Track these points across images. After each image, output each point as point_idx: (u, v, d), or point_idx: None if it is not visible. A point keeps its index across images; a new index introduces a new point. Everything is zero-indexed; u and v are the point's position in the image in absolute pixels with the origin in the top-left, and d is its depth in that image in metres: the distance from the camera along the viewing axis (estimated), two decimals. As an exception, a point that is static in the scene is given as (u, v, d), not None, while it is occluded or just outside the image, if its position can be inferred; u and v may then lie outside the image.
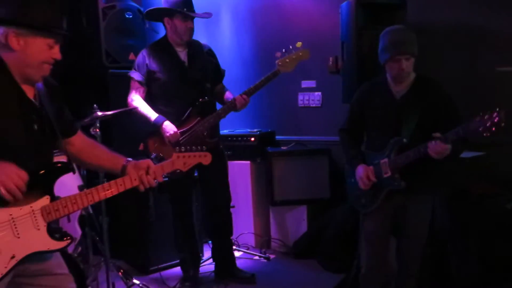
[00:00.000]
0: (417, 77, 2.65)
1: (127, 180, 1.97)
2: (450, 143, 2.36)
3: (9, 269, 1.73)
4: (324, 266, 3.89)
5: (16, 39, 1.73)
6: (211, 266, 3.82)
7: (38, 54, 1.78)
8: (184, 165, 2.08)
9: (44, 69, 1.82)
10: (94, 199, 1.90)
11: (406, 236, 2.71)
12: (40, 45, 1.77)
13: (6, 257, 1.73)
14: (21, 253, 1.76)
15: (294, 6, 4.49)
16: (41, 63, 1.80)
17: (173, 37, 3.40)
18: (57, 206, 1.83)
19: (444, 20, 3.67)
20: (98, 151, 2.12)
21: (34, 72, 1.80)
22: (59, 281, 1.95)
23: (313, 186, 4.16)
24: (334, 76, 4.23)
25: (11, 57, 1.76)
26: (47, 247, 1.82)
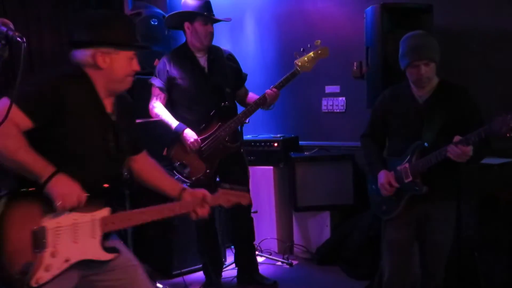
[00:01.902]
0: (440, 82, 2.62)
1: (182, 207, 2.11)
2: (472, 145, 2.31)
3: (60, 272, 1.81)
4: (348, 273, 3.85)
5: (103, 58, 1.90)
6: (233, 271, 3.82)
7: (122, 69, 1.95)
8: (228, 202, 2.25)
9: (127, 82, 2.00)
10: (147, 219, 2.00)
11: (429, 243, 2.67)
12: (123, 60, 1.94)
13: (61, 260, 1.82)
14: (74, 258, 1.85)
15: (318, 11, 4.48)
16: (125, 76, 1.97)
17: (193, 42, 3.43)
18: (114, 219, 1.93)
19: (471, 23, 3.61)
20: (158, 173, 2.23)
21: (119, 86, 1.98)
22: (130, 273, 2.06)
23: (336, 192, 4.13)
24: (358, 81, 4.21)
25: (98, 75, 1.92)
26: (97, 256, 1.91)
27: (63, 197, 1.77)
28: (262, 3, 4.85)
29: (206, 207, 2.14)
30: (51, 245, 1.79)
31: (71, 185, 1.81)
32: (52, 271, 1.79)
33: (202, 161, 3.32)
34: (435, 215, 2.62)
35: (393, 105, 2.70)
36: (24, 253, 1.75)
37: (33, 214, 1.78)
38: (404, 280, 2.73)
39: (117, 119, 2.01)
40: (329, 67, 4.29)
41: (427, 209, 2.61)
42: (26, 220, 1.76)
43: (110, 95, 1.99)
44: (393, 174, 2.62)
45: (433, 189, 2.53)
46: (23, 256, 1.74)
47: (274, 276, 3.80)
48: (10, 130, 1.74)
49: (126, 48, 1.95)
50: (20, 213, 1.76)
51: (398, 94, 2.71)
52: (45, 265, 1.78)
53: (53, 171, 1.78)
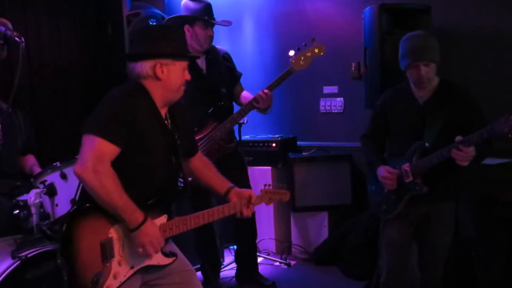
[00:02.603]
0: (441, 82, 2.62)
1: (230, 208, 2.22)
2: (473, 145, 2.32)
3: (126, 279, 1.94)
4: (346, 273, 3.85)
5: (161, 69, 2.00)
6: (232, 271, 3.82)
7: (178, 78, 2.05)
8: (270, 200, 2.34)
9: (181, 91, 2.10)
10: (199, 222, 2.13)
11: (428, 244, 2.68)
12: (178, 70, 2.05)
13: (127, 267, 1.95)
14: (138, 265, 1.98)
15: (317, 12, 4.49)
16: (180, 86, 2.07)
17: (192, 44, 3.42)
18: (172, 225, 2.05)
19: (470, 24, 3.63)
20: (210, 172, 2.35)
21: (175, 95, 2.08)
22: (186, 277, 2.17)
23: (334, 192, 4.14)
24: (357, 82, 4.21)
25: (156, 86, 2.01)
26: (158, 261, 2.03)
27: (146, 247, 1.91)
28: (260, 4, 4.85)
29: (251, 207, 2.24)
30: (117, 254, 1.92)
31: (155, 235, 1.93)
32: (119, 278, 1.92)
33: None
34: (434, 216, 2.63)
35: (394, 106, 2.71)
36: (95, 264, 1.86)
37: (100, 226, 1.90)
38: (402, 280, 2.74)
39: (173, 127, 2.11)
40: (327, 67, 4.30)
41: (427, 209, 2.62)
42: (94, 233, 1.88)
43: (165, 105, 2.08)
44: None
45: (434, 189, 2.54)
46: (94, 267, 1.86)
47: (272, 276, 3.80)
48: (107, 167, 1.85)
49: (182, 58, 2.06)
50: (88, 227, 1.88)
51: (398, 95, 2.71)
52: (113, 274, 1.90)
53: (142, 220, 1.89)
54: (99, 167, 1.83)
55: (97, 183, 1.83)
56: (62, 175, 2.75)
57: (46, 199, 2.73)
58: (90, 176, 1.82)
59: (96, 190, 1.83)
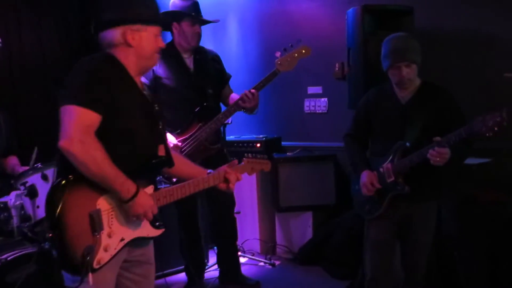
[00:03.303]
0: (422, 83, 2.65)
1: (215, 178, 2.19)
2: (449, 146, 2.34)
3: (118, 250, 1.90)
4: (330, 272, 3.87)
5: (132, 35, 1.94)
6: (216, 272, 3.81)
7: (150, 45, 1.99)
8: (252, 170, 2.33)
9: (155, 59, 2.04)
10: (185, 193, 2.08)
11: (411, 243, 2.70)
12: (150, 36, 1.98)
13: (117, 239, 1.90)
14: (129, 237, 1.93)
15: (301, 12, 4.50)
16: (153, 53, 2.01)
17: (180, 42, 3.41)
18: (159, 196, 2.00)
19: (452, 26, 3.66)
20: (186, 160, 2.30)
21: (149, 62, 2.02)
22: (149, 271, 2.13)
23: (319, 192, 4.15)
24: (340, 82, 4.23)
25: (128, 53, 1.96)
26: (147, 233, 2.00)
27: (141, 217, 1.90)
28: (245, 4, 4.85)
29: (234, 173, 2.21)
30: (106, 226, 1.86)
31: (149, 204, 1.91)
32: (110, 251, 1.87)
33: None
34: (417, 215, 2.65)
35: (376, 106, 2.73)
36: (84, 237, 1.80)
37: (86, 198, 1.83)
38: (386, 279, 2.76)
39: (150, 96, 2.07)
40: (311, 68, 4.31)
41: (409, 208, 2.64)
42: (82, 205, 1.81)
43: (139, 74, 2.04)
44: (376, 174, 2.65)
45: (415, 189, 2.56)
46: (84, 240, 1.79)
47: (257, 276, 3.80)
48: (92, 138, 1.78)
49: (153, 23, 2.00)
50: (75, 199, 1.80)
51: (381, 95, 2.73)
52: (104, 246, 1.84)
53: (134, 191, 1.85)
54: (86, 138, 1.76)
55: (87, 156, 1.75)
56: (43, 177, 2.73)
57: (27, 201, 2.70)
58: (78, 149, 1.73)
59: (86, 163, 1.75)
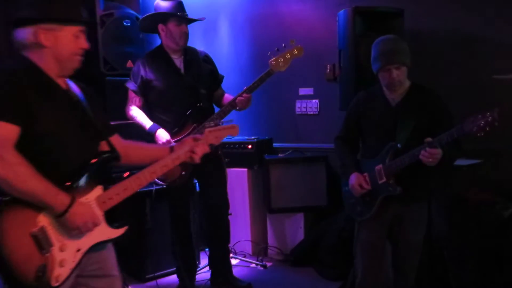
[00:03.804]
0: (412, 85, 2.67)
1: (174, 159, 2.03)
2: (441, 147, 2.36)
3: (77, 263, 1.80)
4: (321, 274, 3.88)
5: (45, 35, 1.80)
6: (207, 274, 3.80)
7: (68, 46, 1.84)
8: (216, 139, 2.13)
9: (74, 61, 1.89)
10: (143, 183, 1.95)
11: (402, 244, 2.71)
12: (67, 36, 1.84)
13: (72, 251, 1.79)
14: (85, 245, 1.82)
15: (292, 14, 4.50)
16: (71, 54, 1.86)
17: (168, 43, 3.40)
18: (111, 194, 1.88)
19: (442, 28, 3.69)
20: (143, 147, 2.18)
21: (67, 64, 1.87)
22: (112, 283, 2.01)
23: (310, 194, 4.15)
24: (332, 83, 4.25)
25: (43, 54, 1.82)
26: (107, 236, 1.89)
27: (82, 228, 1.78)
28: (236, 5, 4.85)
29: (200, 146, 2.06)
30: (56, 241, 1.75)
31: (87, 214, 1.79)
32: (67, 265, 1.77)
33: None
34: (408, 216, 2.66)
35: (366, 108, 2.74)
36: (33, 258, 1.70)
37: (26, 217, 1.71)
38: (377, 280, 2.76)
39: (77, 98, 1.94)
40: (303, 69, 4.32)
41: (400, 210, 2.65)
42: (22, 225, 1.70)
43: (60, 75, 1.90)
44: (366, 175, 2.66)
45: (406, 190, 2.57)
46: (33, 261, 1.69)
47: (249, 278, 3.79)
48: (11, 152, 1.66)
49: (70, 23, 1.84)
50: (13, 221, 1.69)
51: (371, 97, 2.75)
52: (59, 262, 1.75)
53: (68, 202, 1.74)
54: (4, 153, 1.63)
55: (8, 173, 1.63)
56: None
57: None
58: None
59: (9, 181, 1.63)
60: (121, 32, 4.22)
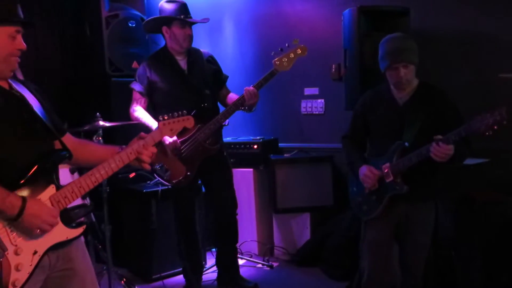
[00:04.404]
0: (420, 84, 2.65)
1: (124, 155, 1.96)
2: (452, 144, 2.34)
3: (34, 266, 1.74)
4: (328, 273, 3.87)
5: None
6: (213, 274, 3.80)
7: (2, 47, 1.76)
8: (171, 132, 2.10)
9: (12, 62, 1.81)
10: (98, 179, 1.90)
11: (409, 244, 2.69)
12: (2, 37, 1.76)
13: (28, 255, 1.73)
14: (42, 247, 1.77)
15: (297, 13, 4.50)
16: (7, 56, 1.78)
17: (172, 45, 3.41)
18: (65, 193, 1.83)
19: (448, 26, 3.67)
20: (91, 147, 2.12)
21: (2, 66, 1.79)
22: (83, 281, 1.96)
23: (316, 194, 4.15)
24: (337, 83, 4.24)
25: None
26: (66, 236, 1.84)
27: (42, 226, 1.73)
28: (240, 5, 4.85)
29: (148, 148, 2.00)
30: (10, 244, 1.70)
31: (45, 210, 1.74)
32: (24, 269, 1.72)
33: (183, 163, 3.29)
34: (415, 216, 2.65)
35: (373, 107, 2.73)
36: None
37: None
38: (383, 280, 2.75)
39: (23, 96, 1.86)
40: (308, 69, 4.31)
41: (407, 209, 2.64)
42: None
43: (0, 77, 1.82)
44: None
45: (413, 189, 2.56)
46: None
47: (255, 278, 3.79)
48: None
49: (5, 23, 1.76)
50: None
51: (378, 96, 2.73)
52: (15, 266, 1.70)
53: (20, 204, 1.68)
54: None
55: None
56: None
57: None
58: None
59: None
60: (126, 33, 4.25)
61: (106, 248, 3.35)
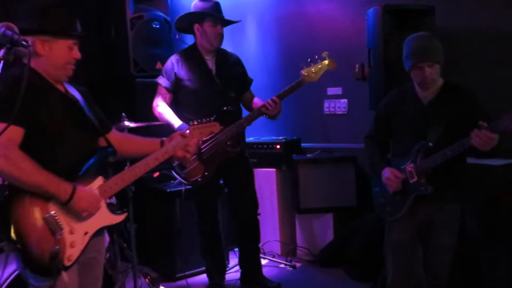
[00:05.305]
0: (445, 83, 2.62)
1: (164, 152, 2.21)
2: (498, 133, 2.27)
3: (85, 245, 2.00)
4: (351, 275, 3.84)
5: (42, 45, 1.97)
6: (236, 273, 3.82)
7: (61, 56, 2.01)
8: (200, 135, 2.33)
9: (68, 69, 2.06)
10: (137, 174, 2.15)
11: (433, 246, 2.66)
12: (61, 47, 2.01)
13: (80, 234, 1.99)
14: (92, 229, 2.03)
15: (320, 13, 4.48)
16: (65, 64, 2.03)
17: (202, 43, 3.42)
18: (110, 184, 2.08)
19: (474, 25, 3.61)
20: (135, 140, 2.37)
21: (60, 72, 2.04)
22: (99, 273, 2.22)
23: (339, 194, 4.13)
24: (360, 83, 4.21)
25: (40, 62, 1.99)
26: (110, 221, 2.10)
27: (89, 210, 1.98)
28: (263, 6, 4.86)
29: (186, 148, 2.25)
30: (66, 225, 1.94)
31: (91, 197, 1.99)
32: (77, 246, 1.97)
33: (201, 163, 3.31)
34: (439, 217, 2.62)
35: (397, 107, 2.71)
36: (47, 240, 1.87)
37: (36, 205, 1.89)
38: (408, 281, 2.72)
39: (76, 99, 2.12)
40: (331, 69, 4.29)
41: (432, 210, 2.61)
42: (33, 212, 1.88)
43: (55, 81, 2.06)
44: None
45: (437, 189, 2.53)
46: (48, 243, 1.87)
47: (278, 278, 3.79)
48: (15, 151, 1.84)
49: (65, 36, 2.01)
50: (24, 209, 1.87)
51: (402, 96, 2.71)
52: (70, 243, 1.94)
53: (71, 191, 1.92)
54: (8, 152, 1.82)
55: (13, 168, 1.82)
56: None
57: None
58: (2, 163, 1.80)
59: (14, 175, 1.83)
60: (151, 34, 4.29)
61: (131, 246, 3.39)
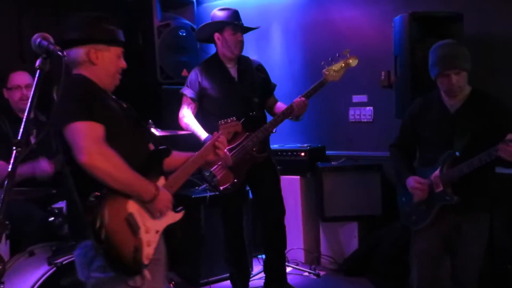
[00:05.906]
0: (472, 91, 2.58)
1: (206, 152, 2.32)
2: None
3: (157, 243, 2.05)
4: (376, 284, 3.79)
5: (95, 54, 2.03)
6: (260, 281, 3.81)
7: (112, 64, 2.09)
8: (228, 134, 2.47)
9: (116, 78, 2.13)
10: (189, 172, 2.24)
11: (460, 256, 2.62)
12: (112, 56, 2.08)
13: (153, 233, 2.05)
14: (161, 227, 2.09)
15: (346, 20, 4.47)
16: (115, 72, 2.11)
17: (224, 52, 3.46)
18: (171, 183, 2.15)
19: (503, 32, 3.55)
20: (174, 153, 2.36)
21: (111, 81, 2.11)
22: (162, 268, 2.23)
23: (364, 202, 4.09)
24: (386, 90, 4.17)
25: (92, 71, 2.05)
26: (173, 219, 2.15)
27: (164, 210, 2.06)
28: (288, 13, 4.87)
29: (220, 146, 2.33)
30: (142, 224, 2.00)
31: (167, 198, 2.06)
32: (152, 245, 2.02)
33: (230, 171, 3.33)
34: (466, 227, 2.57)
35: (423, 115, 2.68)
36: (128, 239, 1.93)
37: (119, 205, 1.95)
38: (434, 291, 2.68)
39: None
40: (356, 76, 4.26)
41: (458, 220, 2.57)
42: (116, 213, 1.93)
43: (107, 90, 2.13)
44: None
45: (464, 199, 2.49)
46: (129, 242, 1.93)
47: (301, 286, 3.78)
48: (106, 147, 1.88)
49: (116, 44, 2.09)
50: (110, 210, 1.91)
51: (429, 104, 2.68)
52: (146, 242, 1.99)
53: (155, 191, 1.99)
54: (102, 149, 1.86)
55: (110, 165, 1.85)
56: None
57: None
58: (100, 161, 1.83)
59: (111, 172, 1.86)
60: (177, 41, 4.35)
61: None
